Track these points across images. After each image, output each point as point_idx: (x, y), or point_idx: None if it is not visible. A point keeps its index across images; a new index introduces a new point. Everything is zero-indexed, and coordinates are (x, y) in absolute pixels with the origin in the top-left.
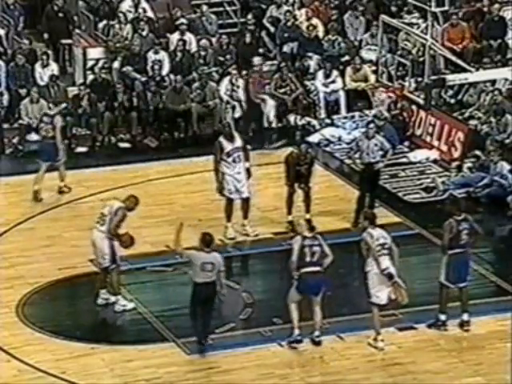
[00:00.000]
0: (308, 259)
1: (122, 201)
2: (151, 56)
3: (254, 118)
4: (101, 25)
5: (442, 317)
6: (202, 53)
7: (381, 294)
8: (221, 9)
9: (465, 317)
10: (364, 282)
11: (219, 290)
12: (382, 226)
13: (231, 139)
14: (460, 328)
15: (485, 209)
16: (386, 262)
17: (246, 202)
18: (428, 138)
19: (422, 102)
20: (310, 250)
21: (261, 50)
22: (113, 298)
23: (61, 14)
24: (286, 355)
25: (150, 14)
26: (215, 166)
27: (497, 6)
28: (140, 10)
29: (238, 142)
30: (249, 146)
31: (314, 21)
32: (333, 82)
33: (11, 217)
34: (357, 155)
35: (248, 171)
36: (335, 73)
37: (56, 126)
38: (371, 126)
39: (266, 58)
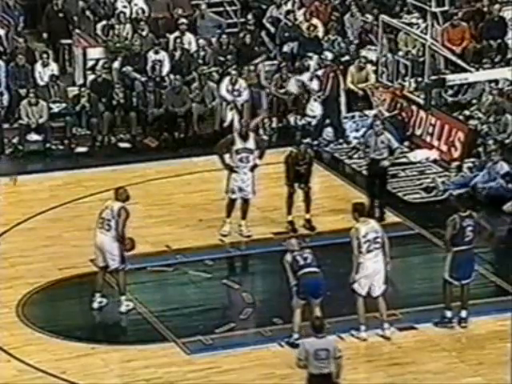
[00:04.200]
0: (302, 262)
1: (114, 199)
2: (151, 56)
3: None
4: (101, 25)
5: (448, 313)
6: (201, 53)
7: (363, 284)
8: (221, 9)
9: (463, 314)
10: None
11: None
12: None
13: (245, 138)
14: (458, 325)
15: (484, 209)
16: (370, 262)
17: (245, 202)
18: (428, 138)
19: (422, 102)
20: (302, 256)
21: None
22: (105, 301)
23: (61, 14)
24: (286, 355)
25: (144, 6)
26: (222, 161)
27: (497, 6)
28: (135, 8)
29: (251, 144)
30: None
31: (314, 21)
32: None
33: (11, 217)
34: (366, 150)
35: (252, 168)
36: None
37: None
38: (377, 122)
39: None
